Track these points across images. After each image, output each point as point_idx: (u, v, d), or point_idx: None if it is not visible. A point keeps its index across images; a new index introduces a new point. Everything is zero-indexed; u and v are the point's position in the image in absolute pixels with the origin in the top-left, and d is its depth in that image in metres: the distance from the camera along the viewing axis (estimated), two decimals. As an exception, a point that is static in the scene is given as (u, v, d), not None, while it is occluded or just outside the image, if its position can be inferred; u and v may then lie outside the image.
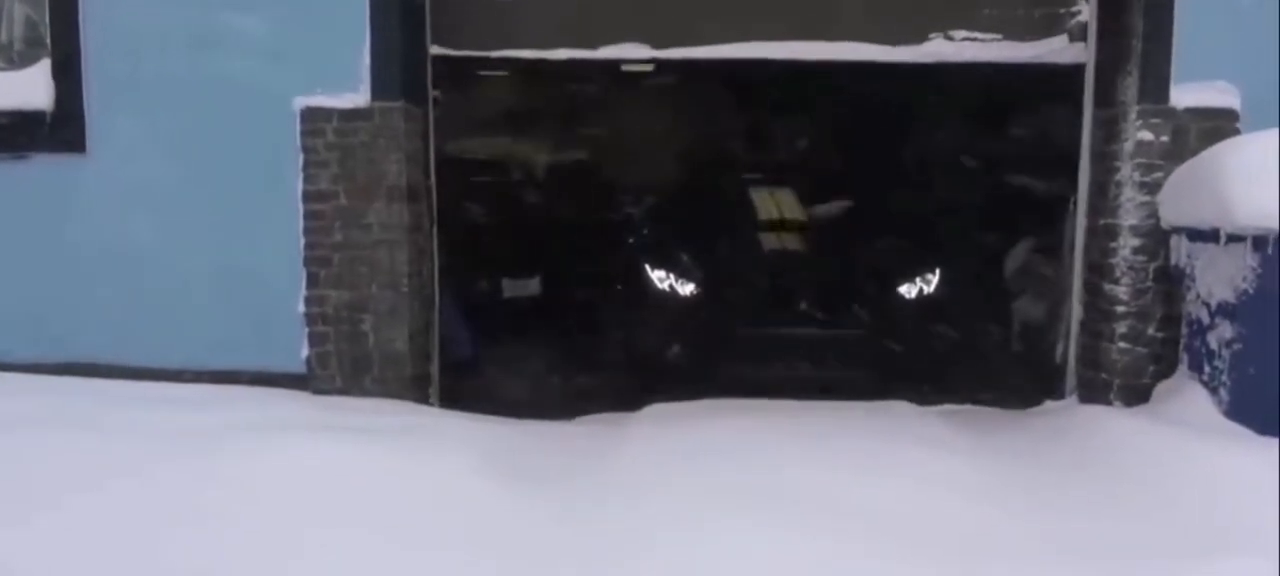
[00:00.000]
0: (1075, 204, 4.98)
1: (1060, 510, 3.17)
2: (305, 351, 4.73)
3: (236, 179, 4.67)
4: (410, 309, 4.72)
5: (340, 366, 4.73)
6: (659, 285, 5.66)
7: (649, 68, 5.32)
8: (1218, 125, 4.42)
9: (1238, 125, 4.42)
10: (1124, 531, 3.06)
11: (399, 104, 4.60)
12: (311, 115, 4.60)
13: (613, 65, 5.09)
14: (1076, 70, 4.85)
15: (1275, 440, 3.60)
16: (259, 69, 4.59)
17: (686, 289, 5.64)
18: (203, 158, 4.68)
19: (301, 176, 4.64)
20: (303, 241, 4.67)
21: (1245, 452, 3.50)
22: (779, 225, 6.17)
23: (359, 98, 4.59)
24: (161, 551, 2.88)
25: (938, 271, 5.72)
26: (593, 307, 6.61)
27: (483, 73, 6.04)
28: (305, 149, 4.61)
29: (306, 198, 4.65)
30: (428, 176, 4.95)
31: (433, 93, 4.95)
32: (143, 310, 4.76)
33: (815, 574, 2.70)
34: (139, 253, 4.73)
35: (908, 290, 5.68)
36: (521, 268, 7.36)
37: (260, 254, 4.71)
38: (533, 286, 7.39)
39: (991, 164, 6.85)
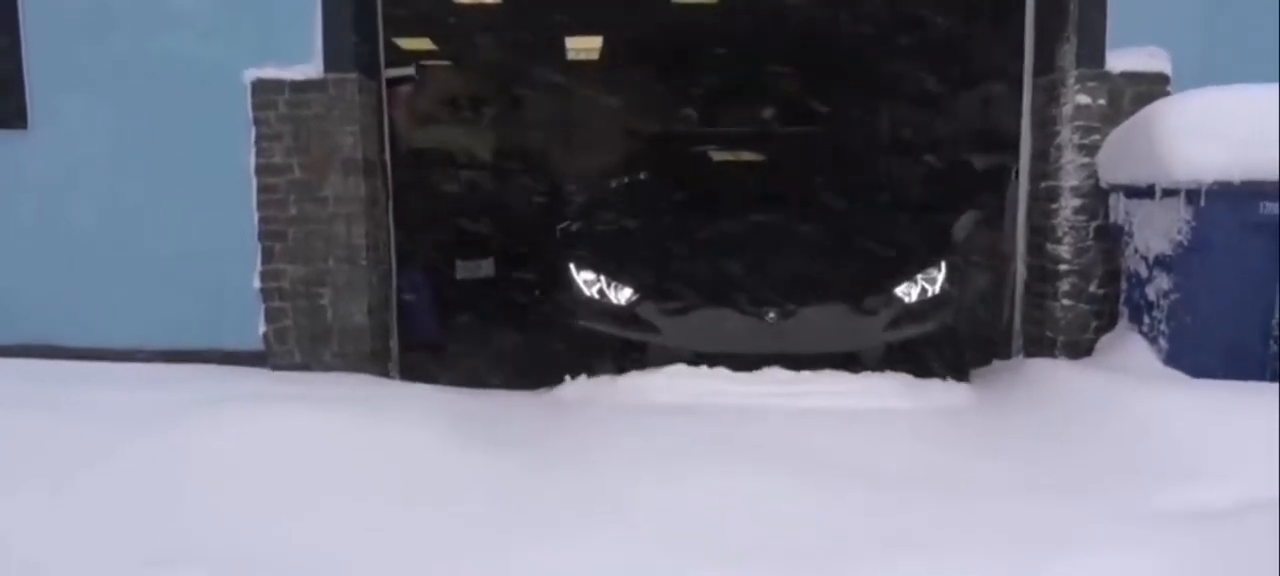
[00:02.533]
0: (1017, 171, 5.16)
1: (1024, 453, 3.30)
2: (262, 327, 4.68)
3: (185, 153, 4.60)
4: (368, 282, 4.70)
5: (299, 341, 4.69)
6: (587, 291, 4.53)
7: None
8: (1150, 89, 4.60)
9: (1168, 88, 4.60)
10: (1080, 467, 3.21)
11: (353, 76, 4.57)
12: (262, 87, 4.55)
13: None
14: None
15: (1209, 382, 3.81)
16: (207, 41, 4.53)
17: (622, 296, 4.47)
18: (150, 132, 4.60)
19: (254, 150, 4.58)
20: (257, 216, 4.61)
21: (1185, 394, 3.66)
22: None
23: (311, 69, 4.55)
24: (136, 529, 2.85)
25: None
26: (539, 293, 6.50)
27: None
28: (257, 122, 4.56)
29: (260, 171, 4.60)
30: (383, 150, 4.93)
31: (410, 69, 4.95)
32: (91, 290, 4.66)
33: (810, 514, 2.80)
34: (85, 230, 4.64)
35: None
36: (473, 250, 7.33)
37: (212, 229, 4.64)
38: (486, 268, 7.37)
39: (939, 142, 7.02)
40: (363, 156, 4.62)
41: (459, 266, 7.30)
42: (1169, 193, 4.04)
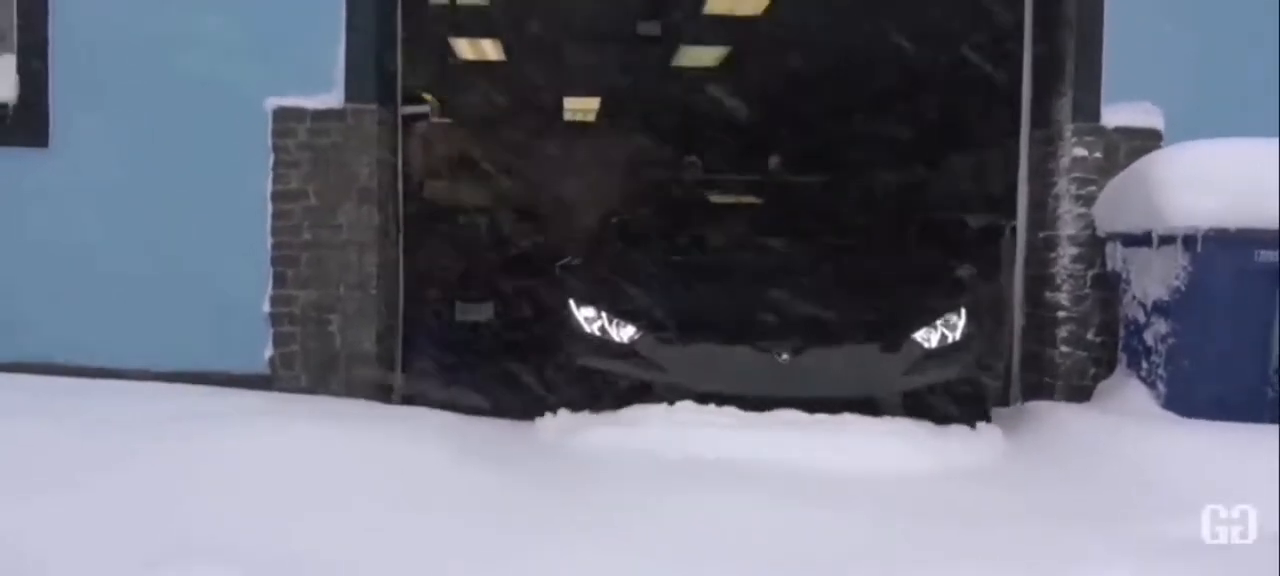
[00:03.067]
0: (1011, 225, 5.29)
1: (1034, 484, 3.34)
2: (269, 352, 4.70)
3: (203, 177, 4.66)
4: (378, 310, 4.74)
5: (306, 366, 4.70)
6: (587, 327, 4.31)
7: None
8: (1144, 143, 4.76)
9: (1161, 142, 4.77)
10: (1086, 500, 3.26)
11: (372, 107, 4.68)
12: (284, 115, 4.64)
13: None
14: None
15: (1208, 422, 3.89)
16: (230, 68, 4.62)
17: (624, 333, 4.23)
18: (169, 155, 4.66)
19: (271, 176, 4.65)
20: (270, 241, 4.67)
21: (1188, 434, 3.74)
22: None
23: (332, 99, 4.65)
24: (139, 530, 2.85)
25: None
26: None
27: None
28: (276, 149, 4.64)
29: (276, 198, 4.66)
30: (395, 182, 5.01)
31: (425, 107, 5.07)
32: (102, 309, 4.67)
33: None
34: (99, 250, 4.67)
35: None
36: (474, 292, 7.39)
37: (225, 254, 4.69)
38: (485, 311, 7.42)
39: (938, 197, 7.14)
40: (378, 186, 4.70)
41: (459, 308, 7.37)
42: (1166, 240, 4.17)
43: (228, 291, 4.70)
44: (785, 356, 4.06)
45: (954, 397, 4.18)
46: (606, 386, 4.16)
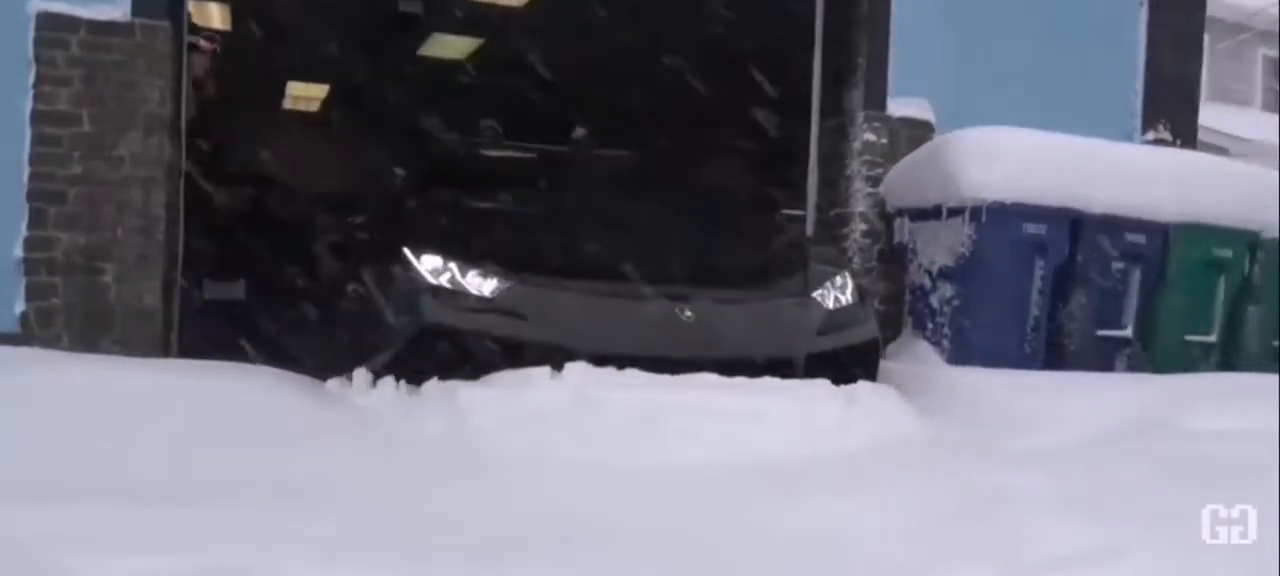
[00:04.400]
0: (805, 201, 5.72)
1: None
2: (20, 306, 3.90)
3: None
4: (165, 259, 4.11)
5: (69, 324, 3.97)
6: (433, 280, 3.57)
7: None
8: (920, 133, 5.37)
9: (933, 133, 5.40)
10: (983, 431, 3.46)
11: (165, 23, 4.06)
12: (50, 22, 3.91)
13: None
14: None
15: (994, 370, 4.44)
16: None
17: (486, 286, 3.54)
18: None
19: (31, 94, 3.88)
20: (27, 171, 3.89)
21: (986, 378, 4.23)
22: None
23: (115, 10, 3.98)
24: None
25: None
26: None
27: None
28: (39, 61, 3.89)
29: (36, 119, 3.90)
30: (180, 115, 4.38)
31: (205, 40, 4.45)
32: None
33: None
34: None
35: None
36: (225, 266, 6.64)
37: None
38: (237, 289, 6.69)
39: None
40: (170, 115, 4.08)
41: (207, 286, 6.56)
42: (954, 212, 4.71)
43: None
44: (688, 314, 3.57)
45: (857, 358, 3.89)
46: (461, 350, 3.40)
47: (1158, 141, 5.98)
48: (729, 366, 3.38)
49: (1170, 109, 6.07)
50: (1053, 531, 2.07)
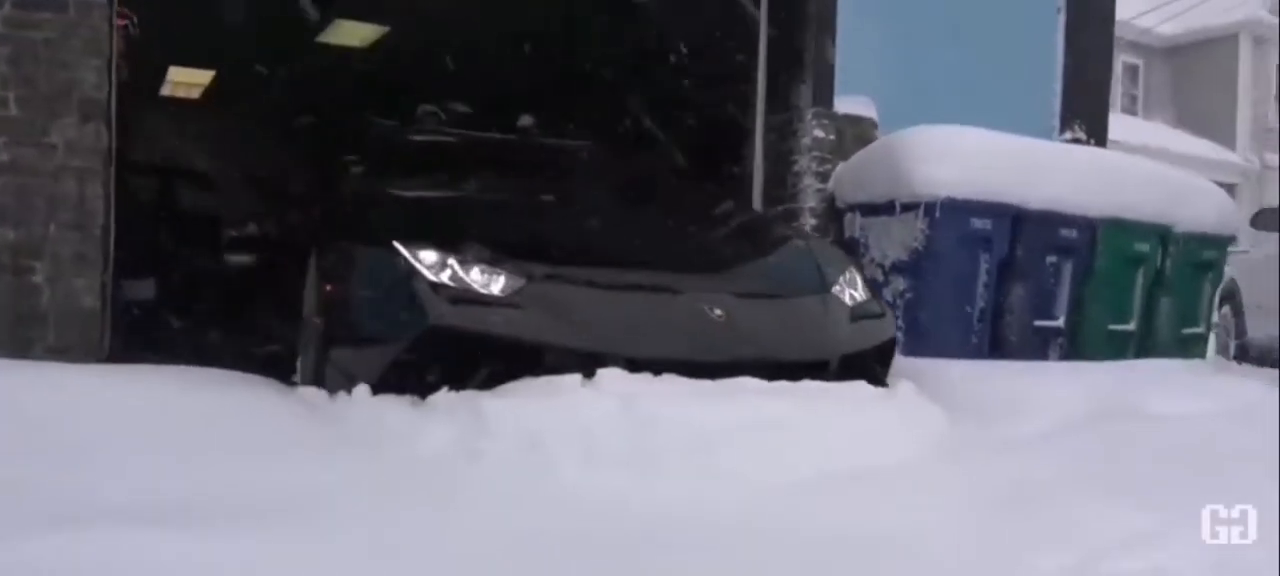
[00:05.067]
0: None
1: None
2: (-65, 309, 3.51)
3: None
4: (103, 256, 3.78)
5: (-7, 328, 3.59)
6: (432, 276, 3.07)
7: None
8: (865, 130, 5.51)
9: (877, 130, 5.54)
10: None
11: (102, 1, 3.73)
12: (-29, -7, 3.51)
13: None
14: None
15: (950, 360, 4.59)
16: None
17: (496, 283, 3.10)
18: None
19: (-51, 72, 3.49)
20: (-56, 158, 3.50)
21: (947, 365, 4.36)
22: None
23: (46, -18, 3.62)
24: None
25: None
26: None
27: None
28: (-41, 37, 3.50)
29: (-45, 101, 3.51)
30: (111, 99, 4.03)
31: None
32: None
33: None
34: None
35: None
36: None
37: None
38: (147, 288, 6.24)
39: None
40: (108, 100, 3.75)
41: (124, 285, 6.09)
42: (908, 207, 4.84)
43: None
44: (718, 312, 3.20)
45: (882, 356, 3.64)
46: (473, 355, 2.94)
47: (1074, 140, 6.32)
48: (762, 369, 3.05)
49: (1084, 111, 6.43)
50: (1108, 514, 2.14)
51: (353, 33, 8.75)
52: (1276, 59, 20.19)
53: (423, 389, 2.89)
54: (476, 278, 3.08)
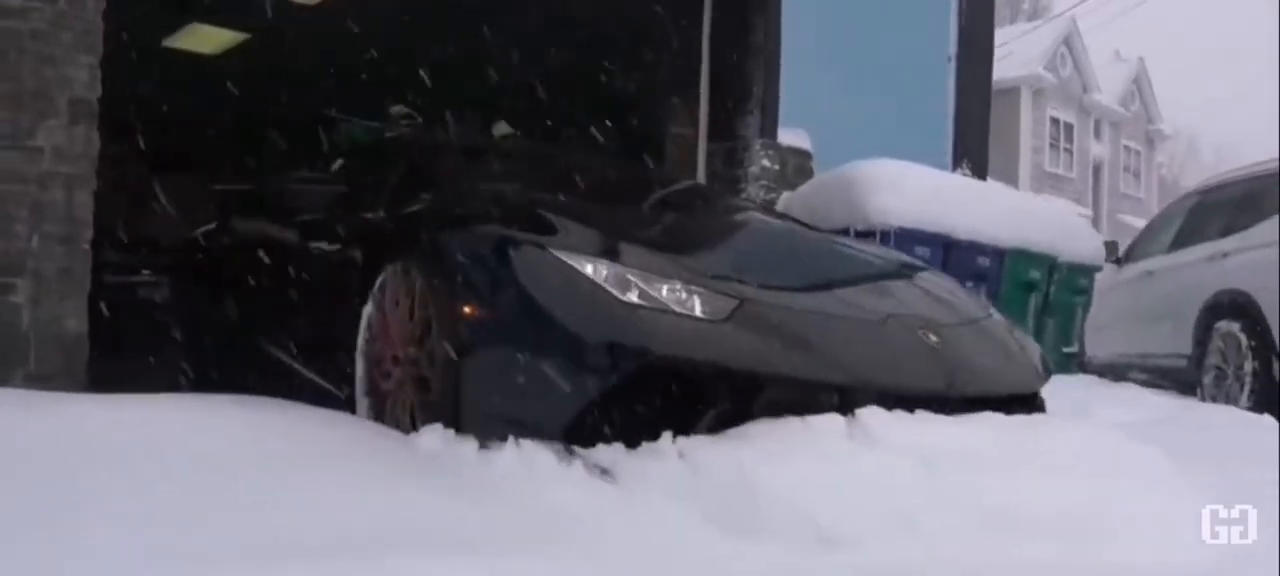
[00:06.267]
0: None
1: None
2: (-104, 334, 3.05)
3: None
4: (90, 273, 3.41)
5: (-32, 354, 3.16)
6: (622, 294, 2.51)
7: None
8: (803, 161, 5.87)
9: (812, 163, 5.90)
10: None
11: (95, -10, 3.39)
12: (-54, -24, 3.10)
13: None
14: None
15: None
16: None
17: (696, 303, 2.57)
18: None
19: (-80, 64, 3.06)
20: (-88, 161, 3.06)
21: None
22: None
23: (32, -30, 3.25)
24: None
25: None
26: None
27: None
28: (-66, 24, 3.07)
29: (-73, 96, 3.07)
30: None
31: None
32: None
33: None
34: None
35: None
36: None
37: None
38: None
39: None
40: (99, 101, 3.41)
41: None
42: (862, 235, 5.19)
43: None
44: (933, 337, 2.79)
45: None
46: (693, 393, 2.45)
47: (965, 174, 6.99)
48: (984, 403, 2.66)
49: (971, 148, 7.12)
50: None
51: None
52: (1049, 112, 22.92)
53: (627, 435, 2.37)
54: (687, 299, 2.53)
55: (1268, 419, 4.03)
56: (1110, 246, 7.42)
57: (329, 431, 2.62)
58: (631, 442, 2.35)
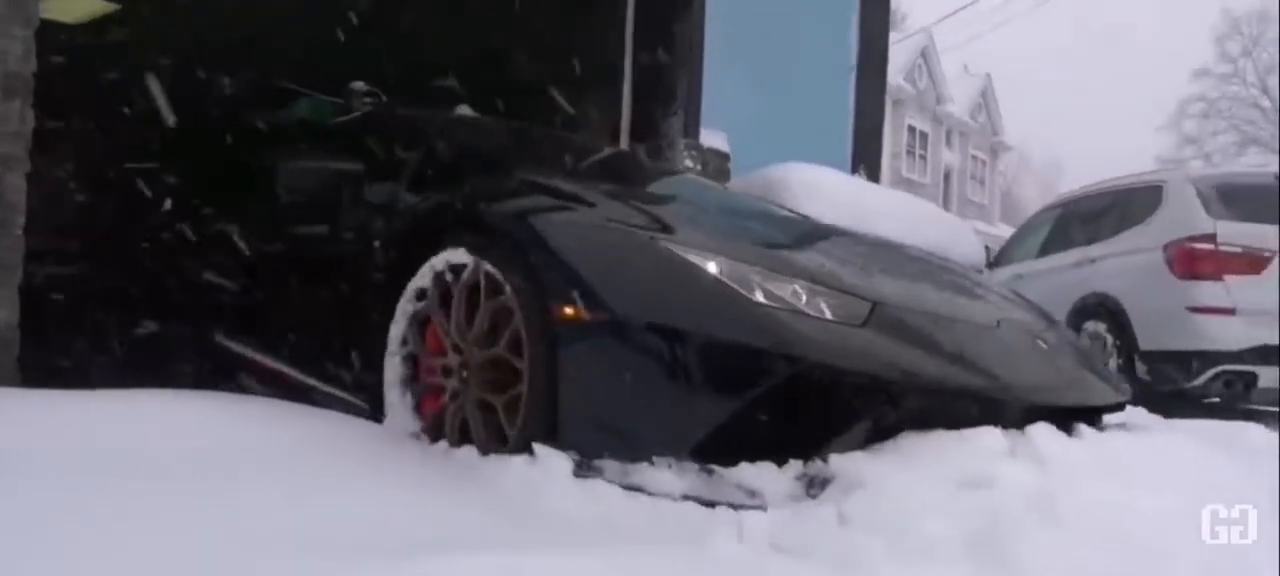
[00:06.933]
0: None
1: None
2: None
3: None
4: (22, 262, 3.17)
5: (-112, 349, 2.89)
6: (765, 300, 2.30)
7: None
8: (722, 162, 6.03)
9: (730, 163, 6.09)
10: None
11: (29, -42, 3.15)
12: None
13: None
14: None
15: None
16: None
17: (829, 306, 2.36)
18: None
19: None
20: None
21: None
22: None
23: (-36, -71, 3.00)
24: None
25: None
26: None
27: None
28: None
29: None
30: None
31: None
32: None
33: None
34: None
35: None
36: None
37: None
38: None
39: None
40: (32, 75, 3.17)
41: None
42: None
43: None
44: (1043, 342, 2.72)
45: None
46: (842, 405, 2.23)
47: (861, 178, 7.36)
48: (1085, 413, 2.56)
49: (867, 155, 7.50)
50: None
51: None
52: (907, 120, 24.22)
53: (771, 452, 2.15)
54: (813, 301, 2.30)
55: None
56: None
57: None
58: (780, 460, 2.15)
